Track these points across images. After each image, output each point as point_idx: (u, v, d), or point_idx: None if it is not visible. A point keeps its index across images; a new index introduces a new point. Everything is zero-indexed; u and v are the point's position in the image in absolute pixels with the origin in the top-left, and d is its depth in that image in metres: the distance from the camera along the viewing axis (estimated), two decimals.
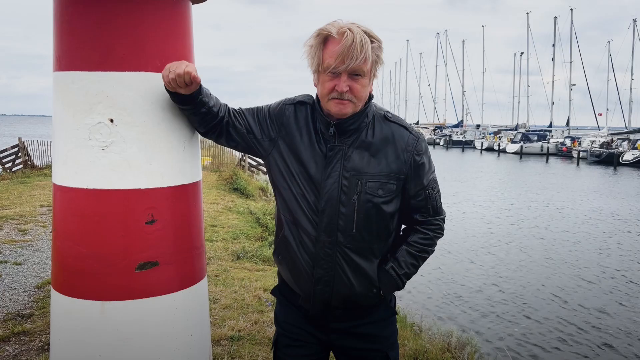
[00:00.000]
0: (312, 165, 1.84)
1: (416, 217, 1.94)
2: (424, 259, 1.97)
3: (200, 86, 1.84)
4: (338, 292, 1.86)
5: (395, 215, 1.92)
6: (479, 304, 8.23)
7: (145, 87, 1.93)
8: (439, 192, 1.96)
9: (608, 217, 16.60)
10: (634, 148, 40.40)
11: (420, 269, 2.01)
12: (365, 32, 1.72)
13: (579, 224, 15.40)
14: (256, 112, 1.98)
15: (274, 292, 2.11)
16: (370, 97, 1.89)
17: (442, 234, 1.99)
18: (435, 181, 1.95)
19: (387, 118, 1.91)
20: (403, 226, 2.03)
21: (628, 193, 23.23)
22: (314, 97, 1.92)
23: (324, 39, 1.75)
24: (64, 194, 1.99)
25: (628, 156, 39.57)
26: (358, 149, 1.84)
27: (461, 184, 24.34)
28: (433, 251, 1.98)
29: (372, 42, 1.74)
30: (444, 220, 2.00)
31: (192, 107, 1.88)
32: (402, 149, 1.86)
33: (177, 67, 1.76)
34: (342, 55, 1.69)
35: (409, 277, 1.94)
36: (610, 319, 7.73)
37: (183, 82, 1.77)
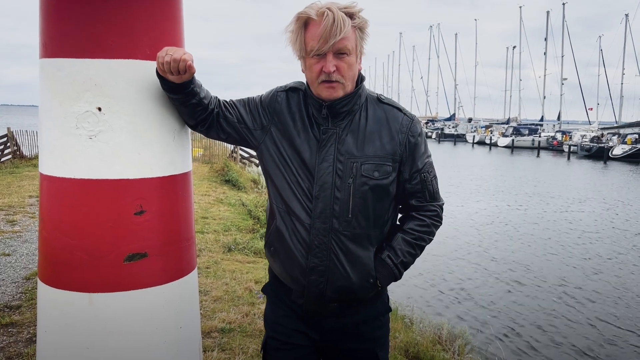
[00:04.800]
0: (306, 150, 1.81)
1: (412, 203, 1.90)
2: (422, 248, 1.91)
3: (193, 76, 1.80)
4: (333, 283, 1.81)
5: (392, 201, 1.89)
6: (471, 297, 8.27)
7: (135, 75, 1.89)
8: (435, 177, 1.92)
9: (600, 212, 16.73)
10: (624, 143, 40.71)
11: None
12: (346, 10, 1.71)
13: (572, 218, 15.51)
14: (247, 102, 1.96)
15: (264, 289, 2.07)
16: (362, 78, 1.86)
17: (440, 222, 1.94)
18: (431, 165, 1.91)
19: (380, 100, 1.89)
20: (399, 216, 1.99)
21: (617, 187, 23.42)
22: (305, 83, 1.89)
23: (304, 22, 1.73)
24: (50, 183, 1.95)
25: (617, 150, 39.89)
26: (352, 132, 1.81)
27: (453, 177, 24.43)
28: (431, 240, 1.93)
29: (353, 18, 1.72)
30: (441, 208, 1.95)
31: (182, 96, 1.83)
32: (397, 130, 1.84)
33: (174, 52, 1.71)
34: (325, 36, 1.67)
35: (406, 266, 1.88)
36: (602, 312, 7.80)
37: (176, 69, 1.72)
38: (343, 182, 1.78)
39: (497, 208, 16.86)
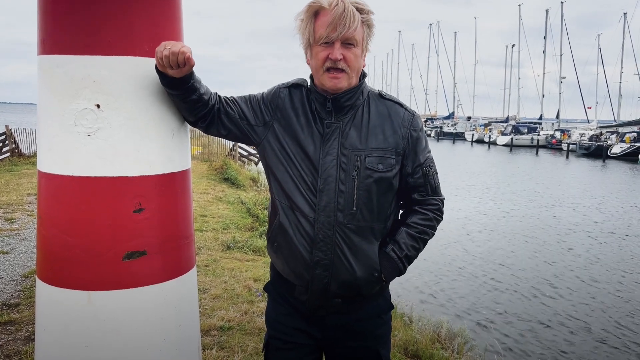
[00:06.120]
0: (310, 144, 1.82)
1: (414, 197, 1.92)
2: (425, 242, 1.93)
3: (192, 71, 1.79)
4: (337, 277, 1.81)
5: (395, 195, 1.91)
6: (470, 295, 8.27)
7: (133, 71, 1.87)
8: (436, 172, 1.96)
9: (598, 210, 16.75)
10: (622, 141, 40.74)
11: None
12: (357, 5, 1.75)
13: (570, 215, 15.52)
14: (249, 99, 1.96)
15: (266, 288, 2.06)
16: (364, 74, 1.89)
17: (442, 217, 1.97)
18: (432, 160, 1.94)
19: (382, 96, 1.92)
20: (402, 212, 2.01)
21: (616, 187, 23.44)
22: (308, 80, 1.91)
23: (314, 11, 1.76)
24: (49, 181, 1.94)
25: (616, 149, 39.92)
26: (355, 126, 1.84)
27: (452, 175, 24.44)
28: (433, 234, 1.95)
29: (362, 13, 1.76)
30: (442, 202, 1.97)
31: (182, 92, 1.82)
32: (399, 124, 1.87)
33: (173, 46, 1.71)
34: (334, 24, 1.71)
35: (410, 260, 1.90)
36: (600, 310, 7.81)
37: (176, 62, 1.71)
38: (347, 175, 1.79)
39: (497, 207, 16.87)
